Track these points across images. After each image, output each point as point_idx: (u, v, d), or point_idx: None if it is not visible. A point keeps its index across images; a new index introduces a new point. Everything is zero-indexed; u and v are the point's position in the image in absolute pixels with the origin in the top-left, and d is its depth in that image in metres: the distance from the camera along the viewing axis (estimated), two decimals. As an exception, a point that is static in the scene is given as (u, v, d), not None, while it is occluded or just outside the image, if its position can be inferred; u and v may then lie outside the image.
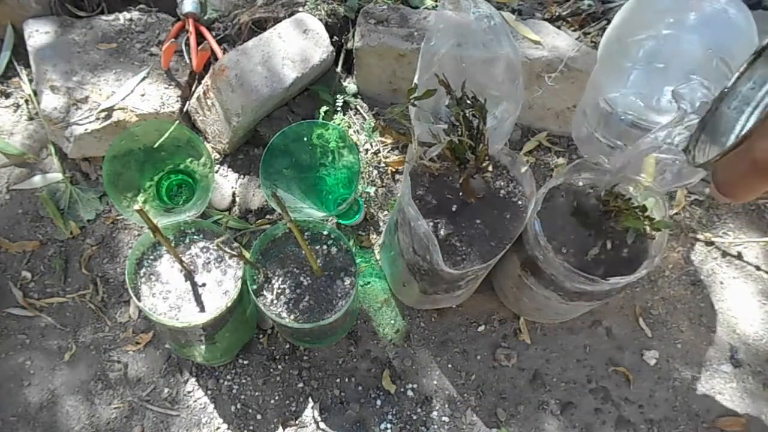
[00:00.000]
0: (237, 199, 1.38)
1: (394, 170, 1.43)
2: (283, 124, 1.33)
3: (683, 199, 1.45)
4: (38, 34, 1.35)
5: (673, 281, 1.39)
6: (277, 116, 1.37)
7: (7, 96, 1.44)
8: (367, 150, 1.41)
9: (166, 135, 1.10)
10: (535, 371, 1.31)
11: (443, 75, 0.87)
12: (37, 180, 1.36)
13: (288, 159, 1.15)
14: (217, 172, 1.39)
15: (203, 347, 1.12)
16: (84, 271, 1.32)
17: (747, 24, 0.93)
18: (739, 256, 1.42)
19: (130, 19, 1.42)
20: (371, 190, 1.38)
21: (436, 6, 1.46)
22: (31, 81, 1.43)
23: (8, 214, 1.35)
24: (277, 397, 1.25)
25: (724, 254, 1.42)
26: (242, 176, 1.40)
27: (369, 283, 1.36)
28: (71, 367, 1.26)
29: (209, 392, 1.25)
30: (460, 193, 1.03)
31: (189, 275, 1.04)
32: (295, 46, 1.32)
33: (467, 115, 0.89)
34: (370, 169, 1.40)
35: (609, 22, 1.49)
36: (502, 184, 1.06)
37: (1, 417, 1.22)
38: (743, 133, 0.46)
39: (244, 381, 1.26)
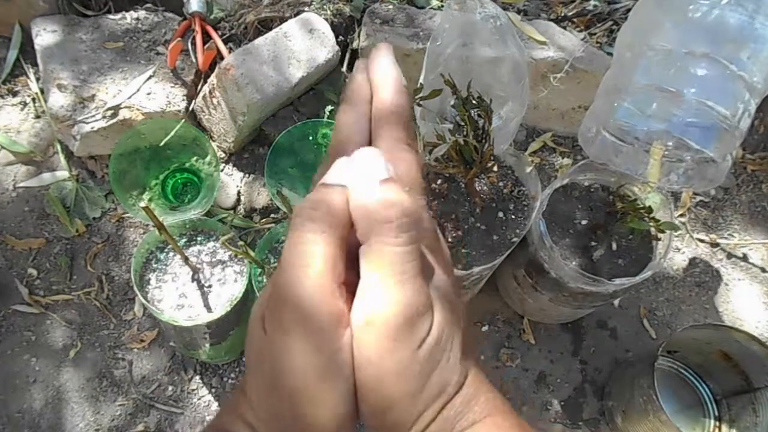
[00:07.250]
0: (242, 197, 1.38)
1: (398, 170, 1.42)
2: (288, 123, 1.33)
3: (689, 201, 1.45)
4: (45, 33, 1.36)
5: (678, 282, 1.39)
6: (282, 115, 1.38)
7: (15, 94, 1.45)
8: (371, 150, 1.41)
9: (172, 133, 1.11)
10: (539, 372, 1.30)
11: (449, 75, 0.87)
12: (44, 178, 1.37)
13: (293, 158, 1.16)
14: (222, 170, 1.39)
15: (208, 345, 1.12)
16: (89, 269, 1.33)
17: None
18: (745, 258, 1.41)
19: (137, 18, 1.42)
20: (376, 189, 1.38)
21: (442, 6, 1.46)
22: (38, 79, 1.43)
23: (15, 211, 1.35)
24: (280, 396, 1.26)
25: (730, 256, 1.42)
26: (247, 175, 1.40)
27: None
28: (76, 365, 1.27)
29: (213, 390, 1.26)
30: (465, 194, 1.03)
31: (194, 273, 1.05)
32: (300, 45, 1.32)
33: (473, 115, 0.89)
34: (375, 168, 1.40)
35: (615, 22, 1.49)
36: (507, 184, 1.06)
37: (6, 414, 1.22)
38: None
39: (248, 379, 1.26)
